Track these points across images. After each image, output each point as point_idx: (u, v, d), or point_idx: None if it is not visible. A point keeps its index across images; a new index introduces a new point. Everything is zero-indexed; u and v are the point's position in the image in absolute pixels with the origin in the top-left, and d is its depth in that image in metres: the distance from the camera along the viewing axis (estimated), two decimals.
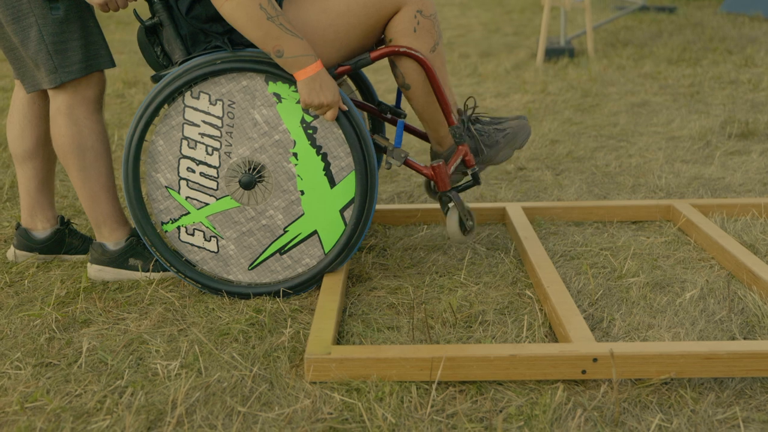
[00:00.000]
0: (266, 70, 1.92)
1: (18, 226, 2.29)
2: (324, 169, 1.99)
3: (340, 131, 1.96)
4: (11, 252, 2.30)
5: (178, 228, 2.04)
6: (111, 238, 2.17)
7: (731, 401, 1.59)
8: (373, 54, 2.00)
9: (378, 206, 2.61)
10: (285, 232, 2.02)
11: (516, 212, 2.51)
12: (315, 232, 2.02)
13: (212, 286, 2.04)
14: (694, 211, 2.48)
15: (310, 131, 1.96)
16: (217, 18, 1.94)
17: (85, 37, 2.03)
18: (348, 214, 2.01)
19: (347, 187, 2.00)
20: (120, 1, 1.97)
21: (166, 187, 2.01)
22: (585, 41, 6.63)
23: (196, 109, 1.96)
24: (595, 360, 1.62)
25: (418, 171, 2.11)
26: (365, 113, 2.47)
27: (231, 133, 1.97)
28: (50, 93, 2.07)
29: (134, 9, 2.05)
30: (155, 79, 2.02)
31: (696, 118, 3.92)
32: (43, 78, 2.03)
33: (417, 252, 2.36)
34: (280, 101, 1.95)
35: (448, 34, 7.32)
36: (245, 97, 1.95)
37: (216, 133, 1.97)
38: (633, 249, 2.34)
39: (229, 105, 1.96)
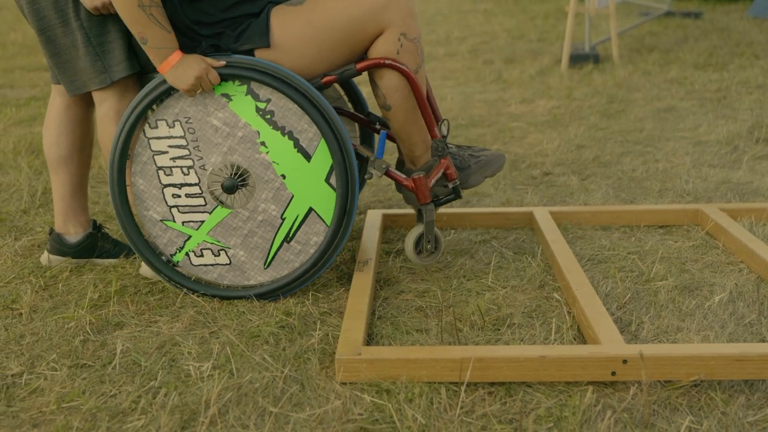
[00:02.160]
0: None
1: (51, 231, 2.33)
2: (295, 146, 2.00)
3: (295, 105, 1.98)
4: (45, 257, 2.34)
5: (187, 254, 2.07)
6: None
7: (762, 403, 1.59)
8: (359, 65, 2.02)
9: (404, 212, 2.62)
10: (283, 219, 2.04)
11: (543, 216, 2.52)
12: (311, 209, 2.04)
13: (239, 295, 2.07)
14: (722, 215, 2.47)
15: (268, 116, 1.99)
16: (204, 22, 1.99)
17: (126, 37, 2.08)
18: (333, 180, 2.03)
19: (323, 155, 2.01)
20: (112, 7, 2.01)
21: (161, 220, 2.05)
22: (610, 47, 6.62)
23: (158, 138, 2.01)
24: (624, 362, 1.63)
25: (399, 182, 2.13)
26: (356, 124, 2.50)
27: (197, 146, 2.01)
28: (96, 99, 2.12)
29: None
30: (147, 80, 2.06)
31: (723, 123, 3.90)
32: (92, 80, 2.08)
33: (444, 256, 2.37)
34: (231, 99, 1.98)
35: (472, 41, 7.34)
36: (198, 108, 1.99)
37: (184, 152, 2.01)
38: (661, 253, 2.34)
39: (186, 122, 1.99)
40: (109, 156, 2.04)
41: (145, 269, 2.23)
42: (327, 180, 2.02)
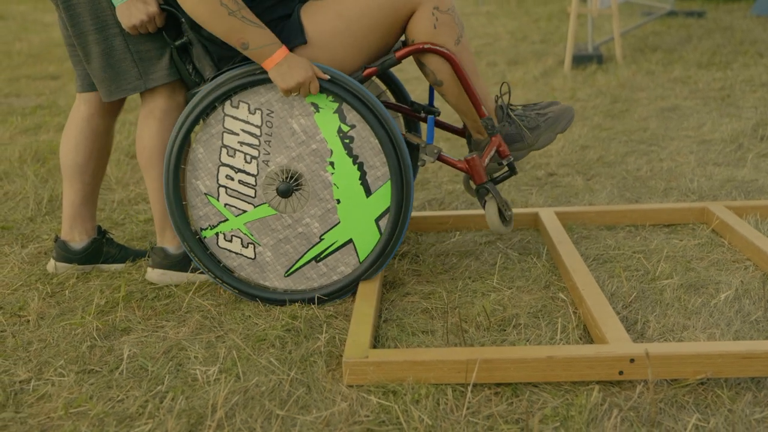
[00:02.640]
0: None
1: (56, 238, 2.34)
2: (360, 179, 2.01)
3: (376, 141, 1.98)
4: (51, 264, 2.35)
5: (217, 234, 2.07)
6: (174, 242, 2.22)
7: None
8: (399, 53, 2.02)
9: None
10: (321, 240, 2.05)
11: (549, 217, 2.52)
12: (350, 241, 2.04)
13: (249, 292, 2.07)
14: (728, 213, 2.47)
15: (347, 141, 1.99)
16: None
17: (165, 47, 2.08)
18: (383, 223, 2.03)
19: (383, 197, 2.02)
20: (150, 25, 2.02)
21: (205, 194, 2.05)
22: (613, 47, 6.61)
23: (235, 118, 2.00)
24: (632, 361, 1.62)
25: (452, 165, 2.12)
26: (400, 115, 2.49)
27: (269, 141, 2.00)
28: (144, 96, 2.13)
29: (163, 31, 2.08)
30: (190, 96, 2.07)
31: (727, 122, 3.90)
32: (126, 85, 2.09)
33: (449, 258, 2.37)
34: (318, 111, 1.98)
35: (475, 43, 7.35)
36: (283, 106, 1.99)
37: (254, 141, 2.01)
38: (666, 251, 2.34)
39: (267, 114, 1.99)
40: (164, 159, 2.05)
41: (151, 274, 2.24)
42: (377, 221, 2.03)
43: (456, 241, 2.51)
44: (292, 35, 1.98)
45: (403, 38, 2.24)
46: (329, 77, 1.94)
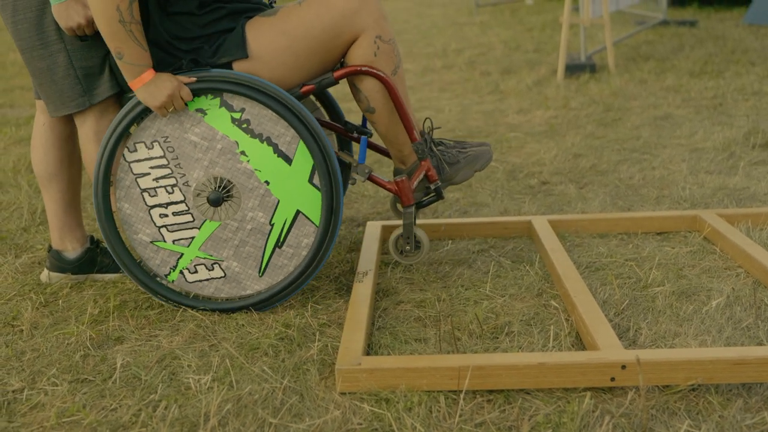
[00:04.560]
0: None
1: (49, 248, 2.34)
2: (274, 152, 2.01)
3: (270, 111, 1.99)
4: (45, 274, 2.35)
5: (181, 272, 2.09)
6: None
7: (760, 406, 1.59)
8: (336, 73, 2.04)
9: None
10: (272, 225, 2.05)
11: (542, 225, 2.53)
12: (298, 212, 2.05)
13: (237, 306, 2.08)
14: (719, 221, 2.48)
15: (244, 125, 2.00)
16: (183, 37, 2.00)
17: (109, 59, 2.10)
18: (317, 180, 2.03)
19: (303, 157, 2.02)
20: (88, 29, 2.03)
21: (151, 242, 2.06)
22: (606, 56, 6.64)
23: (139, 161, 2.02)
24: (623, 367, 1.63)
25: (382, 186, 2.16)
26: (333, 133, 2.51)
27: (179, 164, 2.02)
28: (77, 120, 2.14)
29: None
30: (125, 100, 2.09)
31: (719, 130, 3.92)
32: (70, 102, 2.09)
33: (442, 266, 2.38)
34: (205, 114, 2.00)
35: (469, 52, 7.37)
36: (174, 126, 2.00)
37: (166, 171, 2.03)
38: (658, 259, 2.35)
39: (164, 141, 2.01)
40: (93, 178, 2.06)
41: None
42: (310, 181, 2.03)
43: (449, 249, 2.52)
44: (233, 48, 2.00)
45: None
46: (196, 78, 1.96)
